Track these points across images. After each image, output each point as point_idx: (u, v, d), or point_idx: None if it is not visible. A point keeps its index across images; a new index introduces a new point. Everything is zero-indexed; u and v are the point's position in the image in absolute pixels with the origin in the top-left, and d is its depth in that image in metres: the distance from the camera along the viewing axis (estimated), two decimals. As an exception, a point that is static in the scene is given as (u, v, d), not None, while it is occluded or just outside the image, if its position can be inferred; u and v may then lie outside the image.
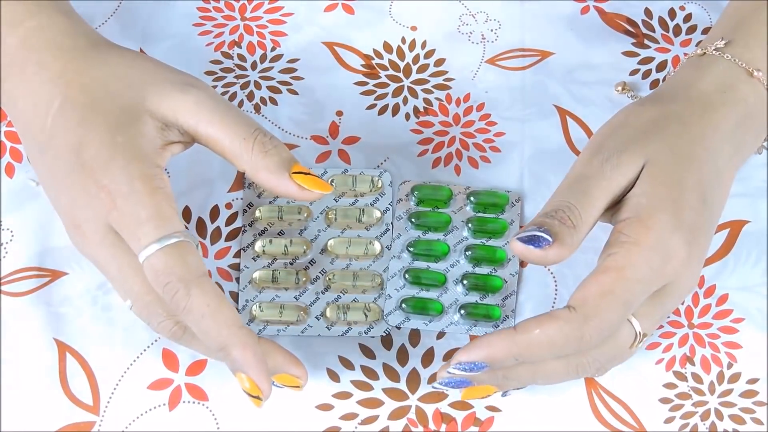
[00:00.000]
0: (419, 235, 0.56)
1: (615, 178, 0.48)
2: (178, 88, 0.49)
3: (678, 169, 0.48)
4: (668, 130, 0.49)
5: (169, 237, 0.45)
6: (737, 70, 0.52)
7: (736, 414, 0.53)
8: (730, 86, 0.51)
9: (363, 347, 0.54)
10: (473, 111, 0.61)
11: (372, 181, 0.57)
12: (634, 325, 0.47)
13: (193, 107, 0.49)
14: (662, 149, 0.48)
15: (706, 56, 0.53)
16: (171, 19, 0.63)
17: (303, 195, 0.49)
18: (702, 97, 0.51)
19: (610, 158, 0.48)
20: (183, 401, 0.52)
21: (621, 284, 0.45)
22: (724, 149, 0.50)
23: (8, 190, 0.57)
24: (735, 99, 0.51)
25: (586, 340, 0.45)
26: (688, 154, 0.49)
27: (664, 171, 0.48)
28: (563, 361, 0.48)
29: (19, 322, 0.54)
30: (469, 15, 0.64)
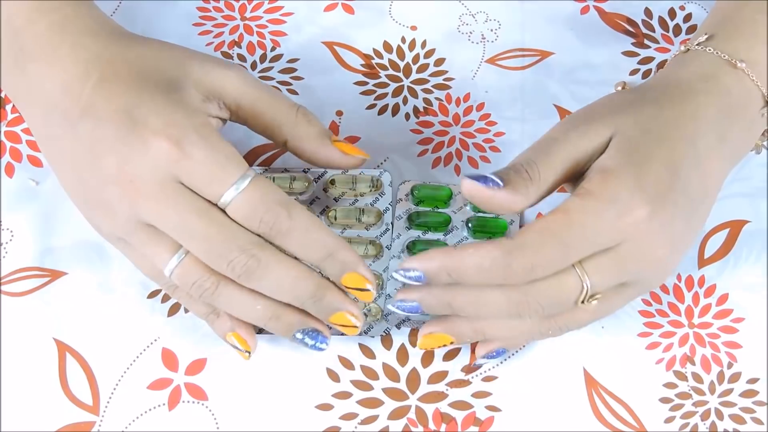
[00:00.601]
0: (419, 234, 0.56)
1: (579, 143, 0.48)
2: (221, 63, 0.52)
3: (647, 144, 0.48)
4: (642, 110, 0.50)
5: (249, 173, 0.47)
6: (719, 61, 0.52)
7: (736, 414, 0.53)
8: (712, 76, 0.52)
9: (363, 347, 0.54)
10: (473, 111, 0.61)
11: (372, 181, 0.57)
12: (581, 276, 0.47)
13: (237, 81, 0.51)
14: (632, 124, 0.49)
15: (690, 52, 0.54)
16: (171, 19, 0.63)
17: (344, 160, 0.53)
18: (681, 85, 0.51)
19: (577, 126, 0.49)
20: (183, 401, 0.52)
21: (562, 224, 0.46)
22: (704, 137, 0.50)
23: (8, 190, 0.57)
24: (717, 88, 0.51)
25: (513, 269, 0.46)
26: (659, 134, 0.49)
27: (632, 143, 0.48)
28: (503, 293, 0.47)
29: (19, 322, 0.54)
30: (469, 15, 0.64)
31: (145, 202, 0.47)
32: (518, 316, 0.48)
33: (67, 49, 0.50)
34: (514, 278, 0.46)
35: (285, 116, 0.52)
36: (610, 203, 0.46)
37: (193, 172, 0.47)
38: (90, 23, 0.52)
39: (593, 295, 0.47)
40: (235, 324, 0.51)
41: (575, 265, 0.47)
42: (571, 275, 0.47)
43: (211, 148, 0.47)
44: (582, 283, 0.47)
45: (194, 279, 0.48)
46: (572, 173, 0.49)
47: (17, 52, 0.51)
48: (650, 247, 0.47)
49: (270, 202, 0.47)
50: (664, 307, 0.55)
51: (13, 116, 0.59)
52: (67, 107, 0.49)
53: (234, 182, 0.46)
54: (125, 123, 0.47)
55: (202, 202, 0.47)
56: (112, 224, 0.49)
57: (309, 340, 0.50)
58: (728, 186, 0.58)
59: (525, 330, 0.50)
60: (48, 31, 0.51)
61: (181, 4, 0.64)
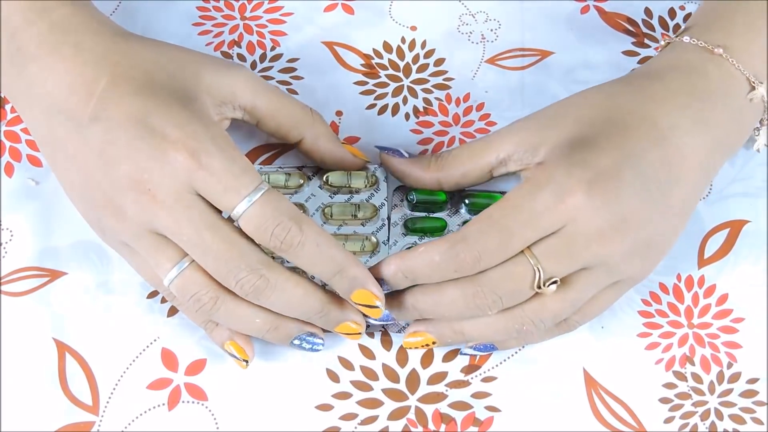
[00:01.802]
0: (415, 240, 0.56)
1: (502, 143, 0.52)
2: (232, 67, 0.53)
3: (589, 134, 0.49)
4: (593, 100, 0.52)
5: (262, 186, 0.47)
6: (696, 49, 0.53)
7: (736, 414, 0.53)
8: (686, 61, 0.52)
9: (363, 348, 0.54)
10: (473, 111, 0.61)
11: (367, 177, 0.57)
12: (530, 259, 0.47)
13: (249, 83, 0.53)
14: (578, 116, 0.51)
15: (669, 44, 0.55)
16: (170, 19, 0.63)
17: (353, 161, 0.56)
18: (649, 74, 0.52)
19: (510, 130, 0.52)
20: (182, 401, 0.52)
21: (501, 210, 0.47)
22: (668, 117, 0.50)
23: (8, 190, 0.57)
24: (690, 74, 0.52)
25: (461, 259, 0.47)
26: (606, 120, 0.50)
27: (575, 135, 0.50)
28: (458, 287, 0.48)
29: (19, 322, 0.54)
30: (468, 15, 0.64)
31: (160, 212, 0.47)
32: (479, 310, 0.49)
33: (70, 49, 0.50)
34: (463, 269, 0.47)
35: (301, 116, 0.54)
36: (545, 185, 0.47)
37: (210, 182, 0.47)
38: (92, 23, 0.51)
39: (548, 279, 0.48)
40: (232, 333, 0.51)
41: (525, 251, 0.47)
42: (520, 261, 0.48)
43: (227, 160, 0.47)
44: (533, 267, 0.47)
45: (193, 292, 0.48)
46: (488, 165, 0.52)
47: (14, 52, 0.51)
48: (594, 225, 0.47)
49: (281, 216, 0.47)
50: (664, 307, 0.55)
51: (13, 116, 0.59)
52: (74, 109, 0.49)
53: (248, 194, 0.47)
54: (141, 130, 0.47)
55: (216, 216, 0.47)
56: (120, 229, 0.49)
57: (306, 344, 0.51)
58: (728, 186, 0.58)
59: (500, 327, 0.50)
60: (49, 31, 0.50)
61: (181, 3, 0.63)
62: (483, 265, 0.47)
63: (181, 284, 0.48)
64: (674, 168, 0.50)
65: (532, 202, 0.47)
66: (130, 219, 0.48)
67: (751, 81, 0.52)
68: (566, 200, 0.47)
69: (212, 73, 0.51)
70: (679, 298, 0.55)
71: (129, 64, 0.49)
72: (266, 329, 0.50)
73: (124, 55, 0.50)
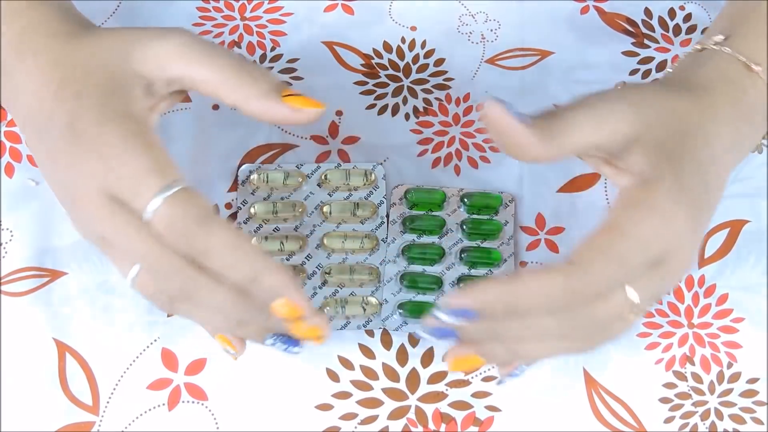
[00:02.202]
0: (414, 238, 0.56)
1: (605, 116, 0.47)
2: (157, 35, 0.49)
3: (675, 143, 0.47)
4: (666, 104, 0.49)
5: (173, 185, 0.44)
6: (736, 63, 0.52)
7: (736, 414, 0.53)
8: (730, 77, 0.51)
9: (363, 347, 0.54)
10: (473, 111, 0.61)
11: (365, 175, 0.57)
12: (628, 291, 0.45)
13: (176, 50, 0.48)
14: (658, 120, 0.48)
15: (705, 51, 0.53)
16: (171, 19, 0.63)
17: (296, 116, 0.48)
18: (702, 83, 0.51)
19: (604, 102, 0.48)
20: (182, 401, 0.52)
21: (619, 241, 0.44)
22: (721, 138, 0.49)
23: (8, 190, 0.57)
24: (734, 90, 0.51)
25: (578, 292, 0.44)
26: (684, 133, 0.48)
27: (662, 143, 0.47)
28: (555, 318, 0.45)
29: (19, 322, 0.54)
30: (468, 15, 0.64)
31: (90, 219, 0.46)
32: (567, 340, 0.46)
33: (31, 57, 0.49)
34: (577, 304, 0.44)
35: (229, 79, 0.48)
36: (655, 212, 0.45)
37: (119, 186, 0.45)
38: (53, 25, 0.50)
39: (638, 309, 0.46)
40: None
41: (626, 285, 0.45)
42: (619, 293, 0.45)
43: (132, 159, 0.45)
44: (628, 298, 0.45)
45: (150, 292, 0.47)
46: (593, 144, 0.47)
47: None
48: (686, 255, 0.47)
49: (186, 219, 0.44)
50: (664, 307, 0.55)
51: (13, 116, 0.59)
52: (37, 119, 0.49)
53: (153, 196, 0.44)
54: (71, 137, 0.46)
55: (135, 217, 0.45)
56: (80, 233, 0.48)
57: (281, 344, 0.48)
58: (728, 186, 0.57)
59: (563, 349, 0.47)
60: (17, 38, 0.50)
61: (181, 4, 0.64)
62: (596, 299, 0.44)
63: (140, 283, 0.47)
64: (720, 189, 0.50)
65: (647, 231, 0.45)
66: (78, 227, 0.48)
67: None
68: (671, 229, 0.45)
69: (140, 49, 0.48)
70: (679, 297, 0.55)
71: (72, 64, 0.48)
72: (232, 325, 0.47)
73: (71, 55, 0.49)
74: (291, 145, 0.59)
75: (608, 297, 0.45)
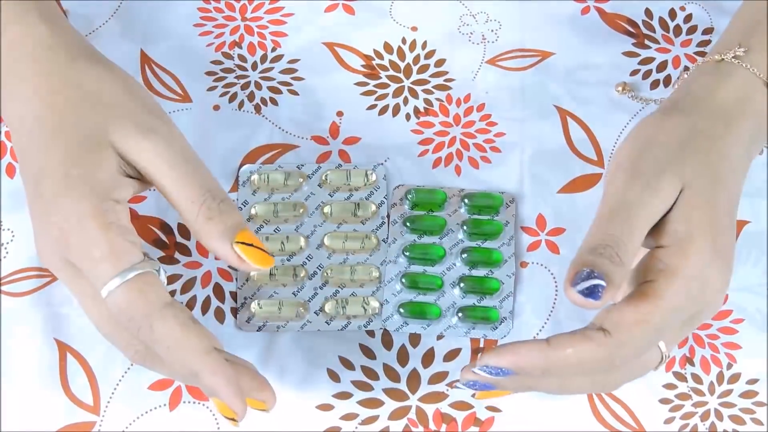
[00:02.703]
0: (414, 239, 0.56)
1: (655, 204, 0.47)
2: (140, 131, 0.48)
3: (712, 191, 0.48)
4: (699, 148, 0.49)
5: (127, 272, 0.45)
6: (755, 80, 0.51)
7: (735, 414, 0.53)
8: (749, 98, 0.51)
9: (363, 347, 0.54)
10: (473, 111, 0.61)
11: (366, 175, 0.57)
12: (662, 348, 0.48)
13: (151, 156, 0.48)
14: (697, 172, 0.48)
15: (724, 63, 0.52)
16: (171, 20, 0.63)
17: (242, 266, 0.48)
18: (724, 107, 0.51)
19: (649, 183, 0.47)
20: (183, 401, 0.52)
21: (658, 314, 0.45)
22: (744, 162, 0.50)
23: (8, 190, 0.57)
24: (753, 110, 0.51)
25: (616, 363, 0.46)
26: (718, 174, 0.48)
27: (700, 195, 0.47)
28: (589, 378, 0.47)
29: (19, 322, 0.54)
30: (469, 15, 0.64)
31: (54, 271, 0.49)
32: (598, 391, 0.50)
33: (15, 80, 0.50)
34: (614, 369, 0.47)
35: (188, 209, 0.47)
36: (693, 280, 0.46)
37: (77, 262, 0.46)
38: (35, 48, 0.50)
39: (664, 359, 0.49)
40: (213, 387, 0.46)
41: None
42: (654, 352, 0.48)
43: (88, 242, 0.45)
44: (662, 354, 0.48)
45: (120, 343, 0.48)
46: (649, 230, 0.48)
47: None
48: (717, 305, 0.49)
49: (133, 311, 0.45)
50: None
51: (14, 116, 0.59)
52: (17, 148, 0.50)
53: (104, 282, 0.45)
54: (34, 193, 0.48)
55: (93, 289, 0.46)
56: None
57: None
58: (728, 187, 0.58)
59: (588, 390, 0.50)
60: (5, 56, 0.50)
61: (182, 4, 0.63)
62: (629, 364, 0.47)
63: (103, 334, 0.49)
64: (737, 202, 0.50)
65: (685, 301, 0.46)
66: None
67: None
68: (707, 291, 0.47)
69: (120, 132, 0.48)
70: (679, 298, 0.55)
71: (50, 104, 0.48)
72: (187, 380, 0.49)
73: (51, 92, 0.49)
74: (292, 145, 0.59)
75: (642, 357, 0.47)
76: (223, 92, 0.61)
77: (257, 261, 0.47)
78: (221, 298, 0.55)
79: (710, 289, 0.47)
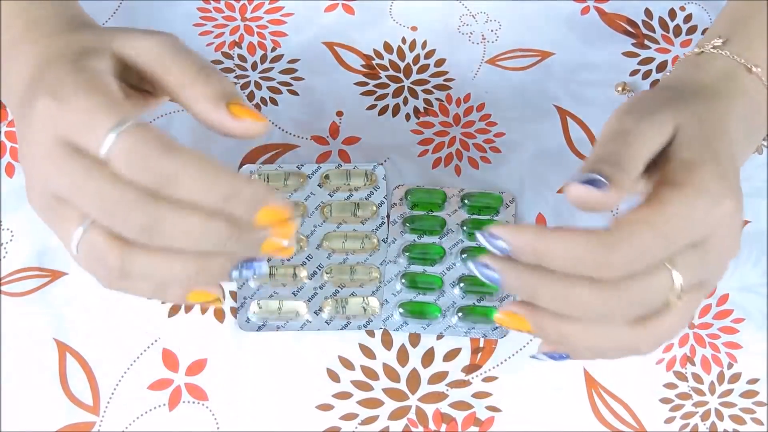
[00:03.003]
0: (414, 239, 0.56)
1: (652, 134, 0.46)
2: (141, 32, 0.48)
3: (709, 137, 0.47)
4: (695, 103, 0.49)
5: (126, 119, 0.42)
6: (736, 65, 0.52)
7: (736, 414, 0.53)
8: (731, 78, 0.51)
9: (363, 347, 0.54)
10: (473, 111, 0.61)
11: (366, 175, 0.57)
12: (673, 274, 0.44)
13: (153, 46, 0.47)
14: (692, 117, 0.47)
15: (704, 54, 0.53)
16: (171, 19, 0.63)
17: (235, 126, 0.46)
18: (710, 86, 0.51)
19: (643, 116, 0.46)
20: (183, 401, 0.52)
21: (661, 217, 0.43)
22: (736, 134, 0.49)
23: (8, 190, 0.57)
24: (739, 90, 0.51)
25: (611, 262, 0.42)
26: (713, 128, 0.48)
27: (699, 135, 0.47)
28: (593, 290, 0.43)
29: (19, 322, 0.54)
30: (469, 15, 0.64)
31: (45, 171, 0.44)
32: (606, 319, 0.44)
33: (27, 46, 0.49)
34: (610, 272, 0.43)
35: (185, 77, 0.46)
36: (702, 193, 0.44)
37: (71, 123, 0.43)
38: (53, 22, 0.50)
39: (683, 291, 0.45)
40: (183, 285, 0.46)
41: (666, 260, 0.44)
42: (662, 271, 0.44)
43: (86, 95, 0.43)
44: (673, 280, 0.44)
45: (97, 257, 0.44)
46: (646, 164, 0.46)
47: None
48: (731, 242, 0.46)
49: (148, 149, 0.42)
50: (665, 307, 0.55)
51: (14, 116, 0.59)
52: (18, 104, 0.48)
53: (110, 129, 0.42)
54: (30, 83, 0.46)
55: (90, 160, 0.43)
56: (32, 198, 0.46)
57: (247, 271, 0.45)
58: (728, 186, 0.58)
59: (614, 340, 0.45)
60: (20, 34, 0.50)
61: (182, 4, 0.64)
62: (631, 270, 0.43)
63: (85, 251, 0.45)
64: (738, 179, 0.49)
65: (692, 211, 0.44)
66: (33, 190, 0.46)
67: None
68: (718, 212, 0.44)
69: (123, 38, 0.47)
70: (679, 298, 0.55)
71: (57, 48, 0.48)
72: (192, 274, 0.45)
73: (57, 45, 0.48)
74: (292, 145, 0.59)
75: (649, 275, 0.43)
76: (222, 92, 0.61)
77: (251, 115, 0.46)
78: (221, 297, 0.55)
79: (720, 210, 0.44)
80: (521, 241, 0.43)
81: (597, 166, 0.44)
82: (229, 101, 0.46)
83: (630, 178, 0.44)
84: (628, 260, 0.43)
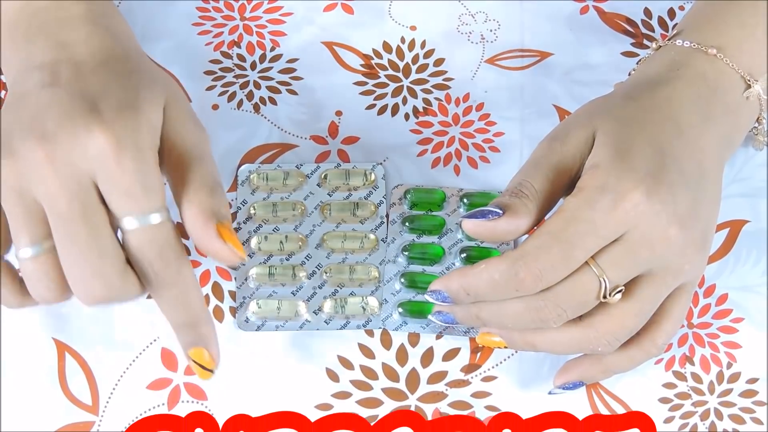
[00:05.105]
0: (414, 238, 0.56)
1: (564, 150, 0.49)
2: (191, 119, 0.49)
3: (628, 132, 0.48)
4: (616, 104, 0.50)
5: (163, 211, 0.45)
6: (688, 50, 0.53)
7: (735, 414, 0.53)
8: (682, 63, 0.52)
9: (362, 347, 0.54)
10: (472, 111, 0.61)
11: (365, 175, 0.57)
12: (596, 270, 0.46)
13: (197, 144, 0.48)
14: (610, 119, 0.49)
15: (661, 49, 0.54)
16: (170, 19, 0.63)
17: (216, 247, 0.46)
18: (651, 78, 0.52)
19: (557, 137, 0.49)
20: (182, 401, 0.52)
21: (559, 224, 0.46)
22: (686, 116, 0.50)
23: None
24: (689, 74, 0.52)
25: (521, 278, 0.45)
26: (637, 121, 0.49)
27: (614, 135, 0.48)
28: (522, 302, 0.47)
29: (19, 322, 0.53)
30: (468, 15, 0.64)
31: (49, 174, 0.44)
32: (543, 323, 0.47)
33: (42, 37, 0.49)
34: (524, 287, 0.46)
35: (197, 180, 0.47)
36: (601, 192, 0.46)
37: (116, 179, 0.44)
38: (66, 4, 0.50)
39: (614, 288, 0.46)
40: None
41: (589, 261, 0.46)
42: (585, 272, 0.46)
43: (145, 170, 0.44)
44: (598, 278, 0.46)
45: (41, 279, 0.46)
46: (566, 181, 0.49)
47: None
48: (657, 227, 0.46)
49: (168, 249, 0.45)
50: (664, 307, 0.55)
51: (13, 116, 0.59)
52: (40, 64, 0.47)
53: (148, 211, 0.44)
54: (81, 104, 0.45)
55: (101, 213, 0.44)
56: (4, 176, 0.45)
57: None
58: (728, 186, 0.58)
59: (570, 342, 0.48)
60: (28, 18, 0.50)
61: (181, 3, 0.64)
62: (545, 282, 0.46)
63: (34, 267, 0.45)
64: (702, 165, 0.49)
65: (592, 212, 0.45)
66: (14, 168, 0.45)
67: (746, 79, 0.52)
68: (626, 206, 0.46)
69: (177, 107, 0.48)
70: (678, 297, 0.55)
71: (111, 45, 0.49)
72: None
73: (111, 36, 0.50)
74: (291, 145, 0.59)
75: (571, 278, 0.46)
76: (221, 91, 0.61)
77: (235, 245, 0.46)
78: (220, 297, 0.55)
79: (628, 203, 0.45)
80: (452, 285, 0.48)
81: (497, 199, 0.48)
82: (219, 222, 0.47)
83: (533, 201, 0.47)
84: (537, 273, 0.46)
